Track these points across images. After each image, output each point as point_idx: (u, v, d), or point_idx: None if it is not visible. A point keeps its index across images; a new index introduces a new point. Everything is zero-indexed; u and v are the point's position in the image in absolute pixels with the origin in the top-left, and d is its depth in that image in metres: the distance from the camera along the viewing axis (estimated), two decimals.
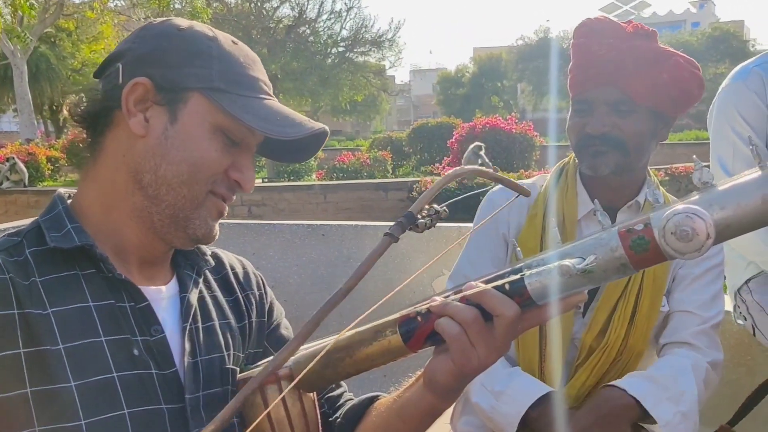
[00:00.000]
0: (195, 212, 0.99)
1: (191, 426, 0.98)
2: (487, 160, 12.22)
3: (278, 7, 27.79)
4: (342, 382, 1.16)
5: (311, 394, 1.04)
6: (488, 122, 14.66)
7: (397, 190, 12.18)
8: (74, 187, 1.08)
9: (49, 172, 17.34)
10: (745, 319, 2.14)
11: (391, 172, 16.68)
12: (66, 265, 0.96)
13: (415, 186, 11.53)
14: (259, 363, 1.09)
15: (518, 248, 0.98)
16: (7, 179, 13.86)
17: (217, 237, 1.04)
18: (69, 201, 1.03)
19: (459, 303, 0.87)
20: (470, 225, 2.57)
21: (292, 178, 16.08)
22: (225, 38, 1.02)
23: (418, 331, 0.90)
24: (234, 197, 1.04)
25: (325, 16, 28.59)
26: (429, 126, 18.42)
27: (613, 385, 1.54)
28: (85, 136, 1.03)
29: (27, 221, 1.11)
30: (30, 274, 0.93)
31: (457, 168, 1.01)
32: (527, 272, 0.85)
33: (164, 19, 1.04)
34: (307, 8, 27.74)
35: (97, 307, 0.94)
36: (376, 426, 1.05)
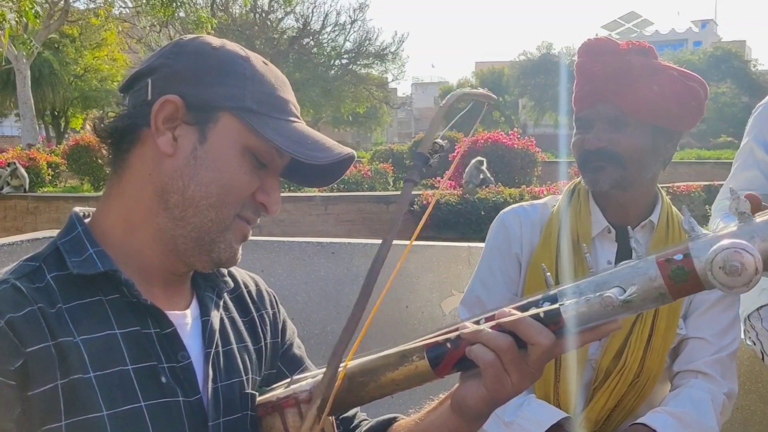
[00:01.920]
0: (221, 235, 0.97)
1: None
2: (488, 175, 12.21)
3: (282, 18, 27.96)
4: None
5: (330, 417, 1.02)
6: (490, 137, 14.66)
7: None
8: (74, 192, 1.05)
9: (50, 177, 17.33)
10: (754, 344, 2.11)
11: (392, 184, 16.66)
12: (89, 290, 0.93)
13: (416, 199, 11.50)
14: (275, 386, 1.07)
15: (548, 273, 0.97)
16: (8, 184, 13.83)
17: (239, 261, 1.01)
18: (87, 220, 1.00)
19: (492, 330, 0.87)
20: (479, 245, 2.56)
21: (292, 188, 16.09)
22: (257, 59, 1.00)
23: (447, 357, 0.90)
24: (258, 221, 1.01)
25: (329, 28, 28.79)
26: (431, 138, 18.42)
27: (642, 423, 1.52)
28: (108, 152, 1.00)
29: (24, 237, 1.08)
30: (55, 301, 0.90)
31: (456, 91, 1.04)
32: (565, 302, 0.84)
33: (195, 36, 1.02)
34: (311, 20, 27.92)
35: (123, 335, 0.92)
36: None
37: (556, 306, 0.85)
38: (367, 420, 1.15)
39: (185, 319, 1.01)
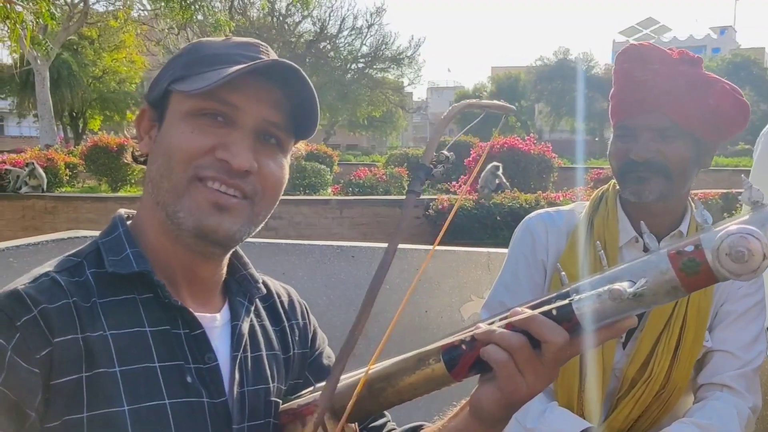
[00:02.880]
0: (178, 203, 0.94)
1: None
2: (504, 180, 12.16)
3: (300, 22, 28.10)
4: (385, 412, 1.13)
5: (353, 425, 1.01)
6: (506, 142, 14.61)
7: (414, 207, 12.17)
8: (91, 192, 1.09)
9: (68, 178, 17.48)
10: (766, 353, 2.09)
11: (407, 189, 16.67)
12: (124, 289, 0.95)
13: (431, 204, 11.48)
14: (300, 393, 1.07)
15: (563, 272, 0.95)
16: (26, 184, 13.96)
17: (233, 234, 0.96)
18: (129, 222, 1.03)
19: (505, 330, 0.85)
20: (499, 250, 2.55)
21: (308, 191, 16.13)
22: (213, 39, 1.03)
23: (462, 359, 0.88)
24: (239, 182, 0.95)
25: (346, 32, 28.88)
26: (446, 144, 18.43)
27: None
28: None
29: (48, 237, 1.11)
30: (91, 295, 0.93)
31: (466, 101, 1.03)
32: (575, 297, 0.82)
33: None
34: (328, 24, 28.03)
35: (153, 333, 0.94)
36: None
37: (567, 302, 0.83)
38: (395, 429, 1.15)
39: (215, 323, 1.02)
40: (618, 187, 1.64)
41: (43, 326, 0.86)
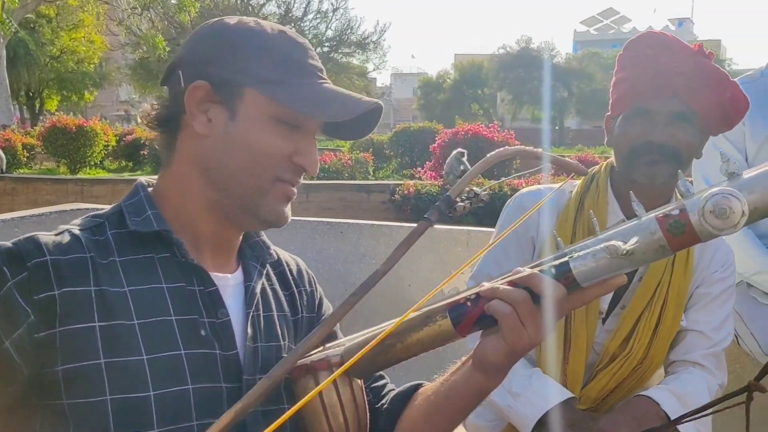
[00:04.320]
0: (263, 199, 1.03)
1: None
2: (469, 166, 12.29)
3: (264, 4, 27.80)
4: (384, 374, 1.21)
5: (360, 381, 1.09)
6: (470, 129, 14.77)
7: (380, 192, 12.22)
8: (49, 174, 1.12)
9: (25, 159, 17.13)
10: (733, 335, 2.23)
11: (372, 174, 16.72)
12: (143, 248, 1.02)
13: (397, 189, 11.59)
14: (313, 352, 1.12)
15: (559, 238, 1.04)
16: None
17: (289, 219, 1.08)
18: (150, 189, 1.09)
19: (508, 287, 0.94)
20: (478, 228, 2.65)
21: None
22: (272, 28, 1.06)
23: (467, 316, 0.96)
24: (301, 180, 1.07)
25: (311, 16, 28.68)
26: (411, 130, 18.49)
27: (648, 396, 1.60)
28: (162, 138, 1.08)
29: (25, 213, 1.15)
30: (110, 254, 0.99)
31: (500, 149, 1.09)
32: (573, 255, 0.92)
33: (216, 19, 1.09)
34: (293, 7, 27.77)
35: (170, 289, 1.00)
36: (423, 409, 1.10)
37: (565, 260, 0.92)
38: (394, 389, 1.21)
39: (228, 282, 1.08)
40: (623, 168, 1.65)
41: (52, 274, 0.93)
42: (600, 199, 1.69)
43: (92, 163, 17.77)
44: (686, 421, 1.31)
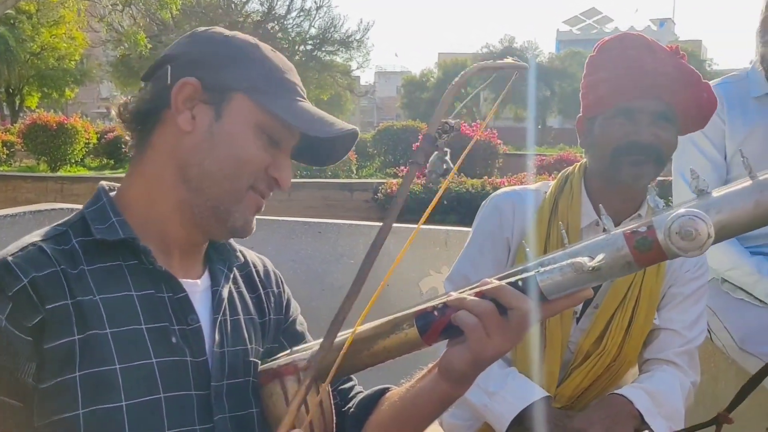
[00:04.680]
0: (235, 206, 1.04)
1: (214, 412, 1.03)
2: (451, 165, 12.34)
3: (247, 1, 27.64)
4: (352, 376, 1.21)
5: (326, 385, 1.08)
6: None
7: (363, 190, 12.22)
8: (29, 172, 1.12)
9: (5, 156, 16.95)
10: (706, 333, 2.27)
11: (355, 172, 16.72)
12: (110, 255, 1.01)
13: (380, 187, 11.60)
14: (278, 356, 1.14)
15: (528, 248, 1.05)
16: None
17: (253, 231, 1.09)
18: (112, 193, 1.08)
19: (475, 297, 0.94)
20: (457, 228, 2.66)
21: None
22: (265, 46, 1.09)
23: (434, 325, 0.96)
24: (270, 194, 1.09)
25: (294, 14, 28.55)
26: (394, 128, 18.52)
27: (621, 395, 1.62)
28: (132, 135, 1.09)
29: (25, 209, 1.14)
30: (78, 263, 0.98)
31: (479, 63, 1.08)
32: (540, 269, 0.92)
33: (208, 27, 1.12)
34: (276, 4, 27.65)
35: (139, 296, 1.00)
36: (389, 414, 1.11)
37: (532, 274, 0.92)
38: (362, 391, 1.21)
39: (196, 287, 1.08)
40: (606, 168, 1.65)
41: (34, 295, 0.92)
42: (574, 201, 1.70)
43: (73, 161, 17.62)
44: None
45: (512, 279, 0.93)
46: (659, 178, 1.74)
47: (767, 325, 2.08)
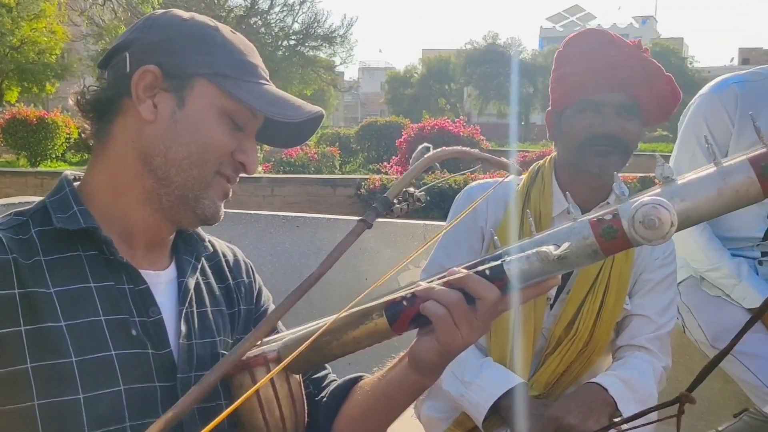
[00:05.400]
0: (204, 192, 1.03)
1: None
2: (436, 165, 12.35)
3: None
4: (326, 365, 1.21)
5: (297, 376, 1.08)
6: (437, 124, 14.84)
7: (346, 186, 12.19)
8: (9, 167, 1.11)
9: None
10: (677, 319, 2.30)
11: (338, 168, 16.70)
12: (70, 246, 0.99)
13: (363, 183, 11.59)
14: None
15: (496, 237, 1.06)
16: None
17: (222, 217, 1.08)
18: (76, 184, 1.06)
19: (443, 287, 0.94)
20: (435, 222, 2.68)
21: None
22: (225, 28, 1.07)
23: (403, 314, 0.96)
24: (237, 179, 1.08)
25: (277, 9, 28.45)
26: (378, 124, 18.51)
27: (596, 383, 1.66)
28: (91, 124, 1.05)
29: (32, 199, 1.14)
30: (34, 254, 0.96)
31: (438, 150, 1.05)
32: (507, 258, 0.92)
33: (165, 11, 1.08)
34: None
35: (98, 288, 0.98)
36: (361, 404, 1.11)
37: (499, 263, 0.92)
38: (336, 380, 1.20)
39: (160, 278, 1.07)
40: (574, 159, 1.71)
41: None
42: (545, 191, 1.76)
43: (54, 156, 17.44)
44: (623, 421, 1.37)
45: (479, 268, 0.93)
46: (641, 174, 1.80)
47: (739, 324, 2.10)
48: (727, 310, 2.15)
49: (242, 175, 1.08)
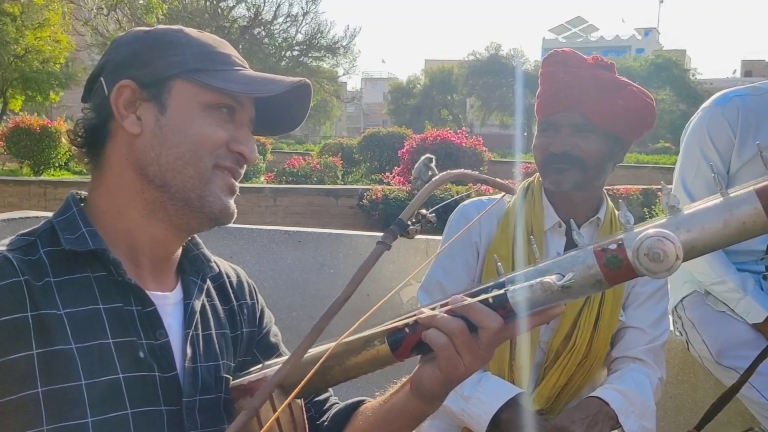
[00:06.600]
0: (206, 189, 1.02)
1: (186, 427, 1.01)
2: (437, 172, 12.37)
3: (234, 6, 27.63)
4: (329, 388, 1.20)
5: (299, 400, 1.08)
6: (439, 135, 14.85)
7: (348, 197, 12.21)
8: (12, 176, 1.10)
9: None
10: (681, 335, 2.29)
11: (340, 178, 16.71)
12: (78, 267, 0.99)
13: (365, 194, 11.60)
14: (250, 370, 1.13)
15: (499, 263, 1.05)
16: None
17: (235, 215, 1.06)
18: (82, 204, 1.06)
19: (446, 315, 0.93)
20: (437, 237, 2.67)
21: (241, 180, 15.95)
22: (190, 30, 1.07)
23: (405, 341, 0.96)
24: (242, 172, 1.07)
25: (281, 19, 28.62)
26: (380, 135, 18.53)
27: (598, 397, 1.69)
28: (87, 154, 1.07)
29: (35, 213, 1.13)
30: (44, 275, 0.96)
31: (443, 173, 1.06)
32: (510, 287, 0.91)
33: (128, 30, 1.10)
34: (263, 10, 27.66)
35: (106, 310, 0.98)
36: (362, 429, 1.10)
37: (502, 292, 0.91)
38: (337, 403, 1.20)
39: (167, 301, 1.06)
40: (541, 177, 1.82)
41: None
42: (536, 206, 1.82)
43: (56, 165, 17.48)
44: None
45: (483, 297, 0.92)
46: (643, 187, 1.82)
47: (744, 340, 2.10)
48: (732, 326, 2.14)
49: (246, 185, 1.06)
